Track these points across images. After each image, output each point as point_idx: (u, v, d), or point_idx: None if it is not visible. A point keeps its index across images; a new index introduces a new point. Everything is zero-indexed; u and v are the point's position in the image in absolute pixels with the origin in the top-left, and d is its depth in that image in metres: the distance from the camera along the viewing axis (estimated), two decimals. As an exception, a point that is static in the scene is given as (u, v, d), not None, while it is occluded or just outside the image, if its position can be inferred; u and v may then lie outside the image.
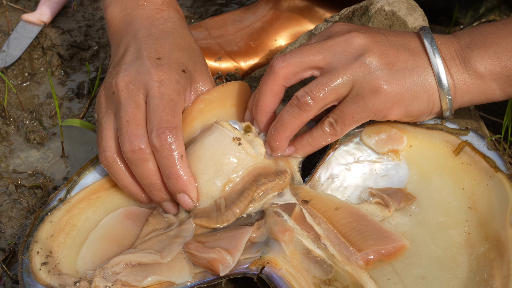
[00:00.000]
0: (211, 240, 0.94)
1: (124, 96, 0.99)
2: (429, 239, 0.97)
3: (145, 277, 0.91)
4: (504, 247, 0.92)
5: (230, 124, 0.99)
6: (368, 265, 0.94)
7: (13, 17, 1.50)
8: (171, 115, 0.97)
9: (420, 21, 1.15)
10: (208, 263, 0.91)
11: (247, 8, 1.37)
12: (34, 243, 0.96)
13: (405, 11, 1.14)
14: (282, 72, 0.97)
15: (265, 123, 1.01)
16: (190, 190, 0.97)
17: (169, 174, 0.96)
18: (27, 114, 1.30)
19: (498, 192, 0.97)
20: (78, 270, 0.95)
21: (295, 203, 0.98)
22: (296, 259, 0.92)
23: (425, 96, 0.98)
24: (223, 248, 0.92)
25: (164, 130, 0.96)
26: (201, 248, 0.92)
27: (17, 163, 1.23)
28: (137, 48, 1.04)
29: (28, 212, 1.13)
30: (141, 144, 0.97)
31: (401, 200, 1.00)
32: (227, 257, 0.91)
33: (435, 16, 1.45)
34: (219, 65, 1.30)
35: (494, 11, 1.43)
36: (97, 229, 1.00)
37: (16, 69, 1.39)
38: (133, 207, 1.03)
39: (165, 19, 1.08)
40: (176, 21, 1.08)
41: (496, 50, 0.98)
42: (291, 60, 0.97)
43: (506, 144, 1.18)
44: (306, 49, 0.98)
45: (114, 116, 1.01)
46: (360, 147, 1.05)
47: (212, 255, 0.91)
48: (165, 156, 0.96)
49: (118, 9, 1.09)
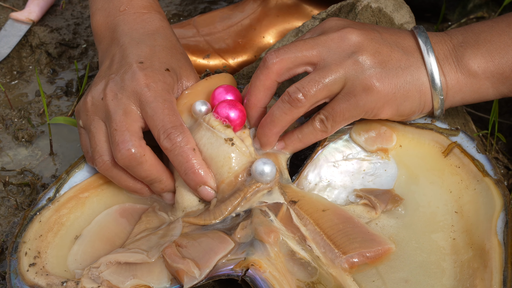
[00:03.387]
0: (189, 246, 0.93)
1: (113, 105, 0.99)
2: (415, 243, 0.96)
3: (127, 279, 0.91)
4: (488, 256, 0.90)
5: (220, 123, 0.99)
6: (352, 268, 0.93)
7: (2, 15, 1.50)
8: (171, 115, 0.98)
9: (407, 17, 1.15)
10: (175, 272, 0.91)
11: (235, 5, 1.37)
12: (23, 244, 0.96)
13: (391, 8, 1.15)
14: (275, 67, 0.97)
15: (256, 118, 1.01)
16: (209, 182, 0.98)
17: (186, 170, 0.97)
18: (16, 112, 1.30)
19: (485, 198, 0.96)
20: (68, 268, 0.95)
21: (283, 203, 0.98)
22: (281, 262, 0.92)
23: (417, 96, 0.98)
24: (195, 259, 0.91)
25: (171, 130, 0.97)
26: (172, 256, 0.92)
27: (6, 161, 1.23)
28: (121, 55, 1.04)
29: (17, 209, 1.13)
30: (130, 147, 0.96)
31: (388, 201, 0.99)
32: (195, 271, 0.90)
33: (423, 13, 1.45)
34: (208, 62, 1.30)
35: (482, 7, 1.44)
36: (91, 226, 1.00)
37: (4, 67, 1.39)
38: (127, 204, 1.03)
39: (147, 22, 1.08)
40: (158, 23, 1.09)
41: (489, 48, 0.98)
42: (284, 55, 0.97)
43: (493, 140, 1.19)
44: (300, 45, 0.97)
45: (103, 122, 1.01)
46: (349, 145, 1.04)
47: (180, 266, 0.91)
48: (178, 154, 0.97)
49: (102, 17, 1.10)
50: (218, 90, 1.03)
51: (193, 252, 0.92)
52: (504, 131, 1.23)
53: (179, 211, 1.00)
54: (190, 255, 0.92)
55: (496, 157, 1.18)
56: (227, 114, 0.99)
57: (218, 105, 1.00)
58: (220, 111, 0.99)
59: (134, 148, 0.97)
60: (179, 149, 0.97)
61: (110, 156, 1.00)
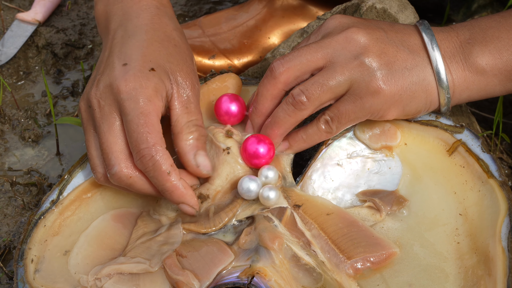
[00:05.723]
0: (190, 256, 0.93)
1: (99, 117, 0.97)
2: (419, 246, 0.95)
3: None
4: (492, 264, 0.89)
5: (221, 133, 1.00)
6: (357, 273, 0.92)
7: (8, 16, 1.51)
8: (146, 132, 0.94)
9: (411, 18, 1.15)
10: (175, 284, 0.91)
11: (241, 6, 1.37)
12: (28, 251, 0.96)
13: (396, 9, 1.15)
14: (282, 77, 0.97)
15: (260, 124, 1.01)
16: (188, 200, 0.96)
17: (163, 190, 0.96)
18: (22, 112, 1.31)
19: (490, 201, 0.95)
20: (70, 270, 0.95)
21: (286, 207, 0.97)
22: (286, 268, 0.91)
23: (423, 96, 0.98)
24: (195, 271, 0.91)
25: (143, 153, 0.93)
26: (173, 267, 0.92)
27: (12, 161, 1.23)
28: (108, 52, 1.01)
29: (24, 209, 1.14)
30: (116, 171, 0.95)
31: (393, 203, 0.99)
32: (194, 283, 0.90)
33: (427, 13, 1.45)
34: (213, 63, 1.31)
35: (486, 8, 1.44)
36: (88, 231, 0.99)
37: (11, 67, 1.39)
38: (122, 210, 1.02)
39: (142, 10, 1.04)
40: (154, 10, 1.04)
41: (497, 45, 0.97)
42: (290, 63, 0.96)
43: (498, 140, 1.19)
44: (304, 50, 0.97)
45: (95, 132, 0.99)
46: (353, 142, 1.04)
47: (180, 278, 0.91)
48: (154, 176, 0.95)
49: (102, 6, 1.07)
50: (223, 98, 1.03)
51: (194, 263, 0.92)
52: (508, 131, 1.23)
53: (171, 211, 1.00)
54: (191, 266, 0.92)
55: (501, 157, 1.18)
56: (255, 149, 0.98)
57: (247, 140, 0.99)
58: (249, 147, 0.98)
59: (120, 172, 0.95)
60: (154, 171, 0.94)
61: (104, 169, 0.98)
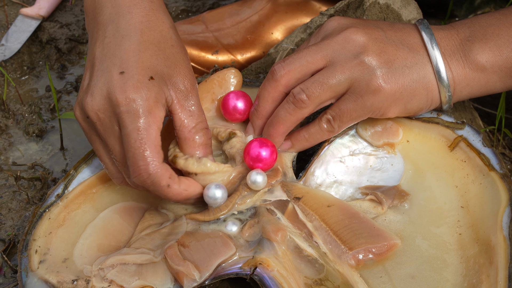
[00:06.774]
0: (192, 246, 0.93)
1: (101, 130, 0.95)
2: (421, 238, 0.95)
3: (132, 279, 0.91)
4: (494, 252, 0.90)
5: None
6: (359, 264, 0.93)
7: (12, 11, 1.51)
8: (144, 149, 0.92)
9: (414, 14, 1.15)
10: (176, 274, 0.91)
11: (244, 1, 1.37)
12: (33, 242, 0.96)
13: (399, 4, 1.15)
14: (283, 79, 0.97)
15: (261, 126, 1.01)
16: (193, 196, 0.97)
17: (166, 199, 0.96)
18: (26, 107, 1.31)
19: (491, 192, 0.96)
20: (74, 260, 0.96)
21: (288, 200, 0.98)
22: (288, 259, 0.92)
23: (424, 94, 0.98)
24: (196, 262, 0.92)
25: (140, 172, 0.92)
26: (173, 258, 0.92)
27: (17, 155, 1.24)
28: (102, 55, 0.97)
29: (28, 204, 1.14)
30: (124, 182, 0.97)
31: (395, 197, 0.99)
32: (195, 274, 0.91)
33: (430, 8, 1.45)
34: (216, 58, 1.31)
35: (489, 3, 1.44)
36: (96, 222, 1.00)
37: (15, 62, 1.40)
38: (131, 202, 1.03)
39: (134, 3, 0.99)
40: (147, 5, 0.99)
41: (497, 42, 0.97)
42: (291, 66, 0.97)
43: (500, 136, 1.19)
44: (304, 53, 0.97)
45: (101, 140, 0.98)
46: (356, 140, 1.05)
47: (180, 268, 0.91)
48: (154, 191, 0.95)
49: None
50: (229, 95, 1.03)
51: (195, 253, 0.93)
52: (511, 126, 1.24)
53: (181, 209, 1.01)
54: (192, 256, 0.93)
55: (503, 152, 1.18)
56: (258, 153, 0.98)
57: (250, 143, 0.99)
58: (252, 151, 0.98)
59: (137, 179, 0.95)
60: (153, 187, 0.94)
61: (122, 175, 0.98)
